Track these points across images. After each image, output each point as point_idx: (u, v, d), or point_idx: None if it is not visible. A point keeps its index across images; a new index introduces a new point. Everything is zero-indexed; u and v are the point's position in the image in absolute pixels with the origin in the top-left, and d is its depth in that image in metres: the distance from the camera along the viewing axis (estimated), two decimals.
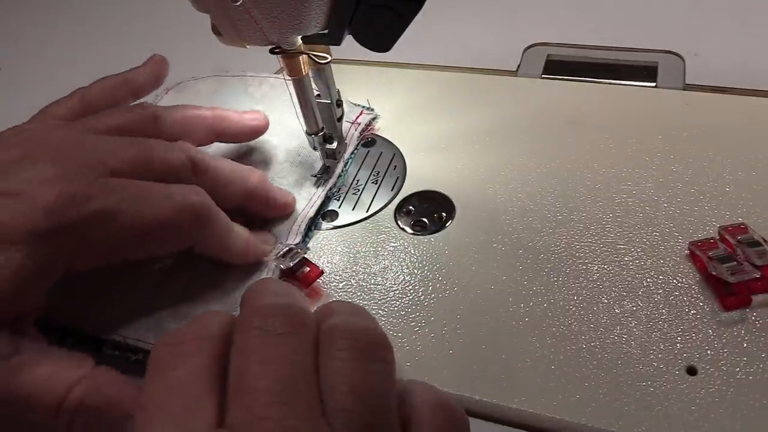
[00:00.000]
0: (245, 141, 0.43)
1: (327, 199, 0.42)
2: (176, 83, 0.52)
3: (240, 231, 0.36)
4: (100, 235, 0.29)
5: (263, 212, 0.39)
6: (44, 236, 0.27)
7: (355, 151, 0.46)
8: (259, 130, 0.42)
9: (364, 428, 0.21)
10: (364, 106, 0.48)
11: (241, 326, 0.24)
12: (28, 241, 0.27)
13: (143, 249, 0.32)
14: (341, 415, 0.21)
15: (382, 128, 0.47)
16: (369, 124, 0.47)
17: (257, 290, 0.26)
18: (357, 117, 0.47)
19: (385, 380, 0.23)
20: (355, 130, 0.46)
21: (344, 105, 0.44)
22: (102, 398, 0.27)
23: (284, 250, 0.37)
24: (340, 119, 0.43)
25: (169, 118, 0.37)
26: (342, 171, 0.44)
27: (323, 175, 0.42)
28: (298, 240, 0.39)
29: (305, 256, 0.37)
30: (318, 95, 0.41)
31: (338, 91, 0.42)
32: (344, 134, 0.45)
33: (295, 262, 0.36)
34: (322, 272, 0.37)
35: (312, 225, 0.40)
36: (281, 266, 0.36)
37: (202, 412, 0.21)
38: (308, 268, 0.36)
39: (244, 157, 0.44)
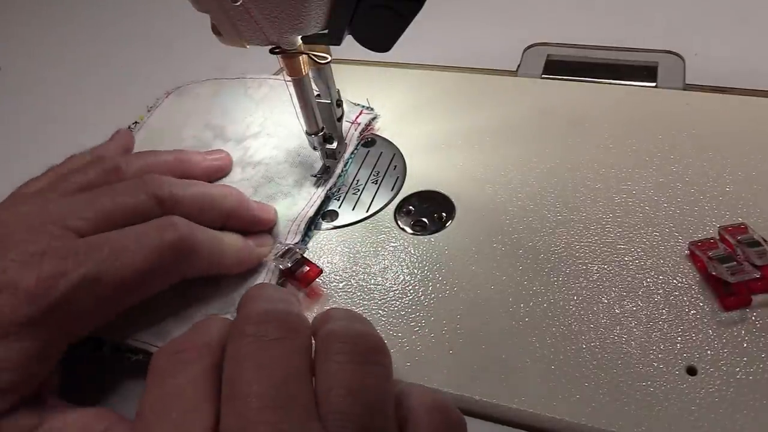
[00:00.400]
0: (210, 181, 0.42)
1: (327, 199, 0.42)
2: (175, 87, 0.52)
3: (231, 242, 0.35)
4: (89, 301, 0.29)
5: (246, 229, 0.37)
6: (35, 321, 0.27)
7: (355, 151, 0.46)
8: (223, 170, 0.42)
9: (361, 431, 0.21)
10: (363, 106, 0.48)
11: (234, 333, 0.24)
12: (23, 330, 0.27)
13: (135, 297, 0.31)
14: (337, 418, 0.21)
15: (382, 128, 0.47)
16: (369, 123, 0.47)
17: (251, 296, 0.26)
18: (357, 117, 0.47)
19: (381, 383, 0.23)
20: (355, 129, 0.46)
21: (344, 105, 0.44)
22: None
23: (283, 249, 0.37)
24: (340, 119, 0.43)
25: (130, 168, 0.36)
26: (342, 171, 0.43)
27: (323, 175, 0.42)
28: (297, 239, 0.39)
29: (304, 255, 0.37)
30: (318, 95, 0.41)
31: (338, 91, 0.42)
32: (344, 134, 0.45)
33: (293, 261, 0.36)
34: (321, 271, 0.37)
35: (312, 225, 0.40)
36: (280, 266, 0.36)
37: (199, 418, 0.21)
38: (307, 268, 0.36)
39: (244, 159, 0.44)
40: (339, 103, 0.42)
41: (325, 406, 0.22)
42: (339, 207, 0.42)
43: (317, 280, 0.36)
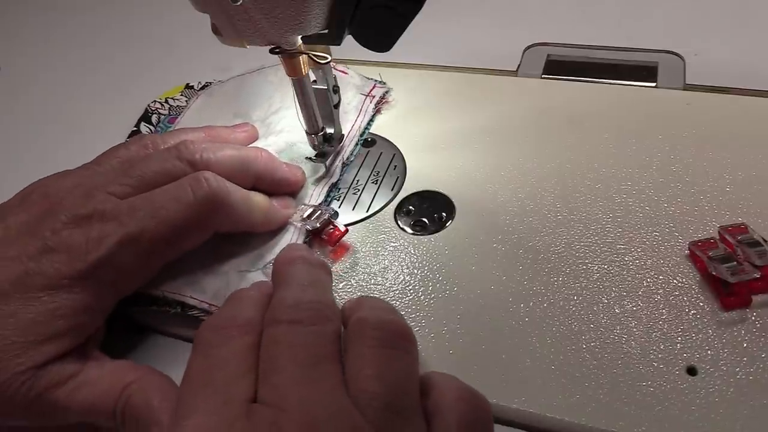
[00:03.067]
0: None
1: (333, 188, 0.42)
2: (201, 86, 0.54)
3: (260, 201, 0.37)
4: (132, 257, 0.32)
5: (274, 191, 0.40)
6: (85, 276, 0.30)
7: (371, 123, 0.47)
8: (250, 141, 0.44)
9: (386, 408, 0.23)
10: (376, 80, 0.49)
11: (270, 320, 0.26)
12: (75, 284, 0.30)
13: (173, 251, 0.34)
14: (364, 396, 0.23)
15: (382, 128, 0.47)
16: (383, 96, 0.49)
17: (285, 279, 0.29)
18: (371, 90, 0.48)
19: (408, 367, 0.25)
20: (371, 101, 0.48)
21: (357, 78, 0.47)
22: (143, 398, 0.29)
23: (309, 210, 0.39)
24: (336, 106, 0.43)
25: (166, 142, 0.38)
26: (358, 141, 0.45)
27: (320, 158, 0.43)
28: (321, 200, 0.41)
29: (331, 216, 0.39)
30: (314, 81, 0.41)
31: (335, 78, 0.42)
32: (360, 106, 0.47)
33: (321, 221, 0.38)
34: (346, 230, 0.38)
35: (333, 188, 0.42)
36: (308, 227, 0.38)
37: (239, 387, 0.24)
38: (333, 227, 0.38)
39: (267, 131, 0.46)
40: (336, 90, 0.42)
41: (353, 385, 0.24)
42: (339, 207, 0.42)
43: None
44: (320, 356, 0.24)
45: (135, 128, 0.50)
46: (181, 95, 0.52)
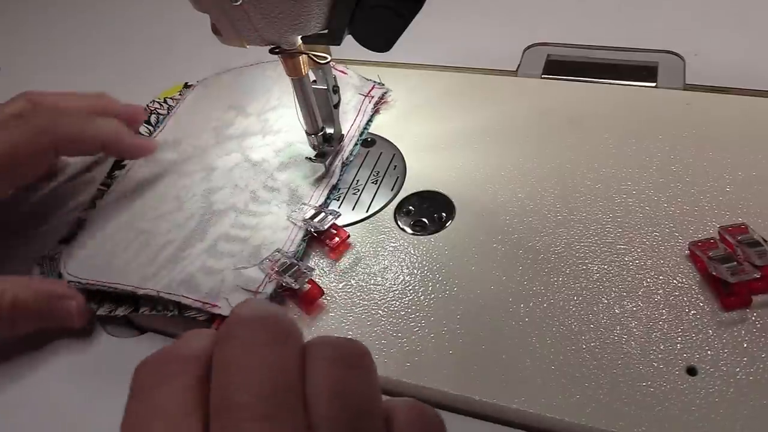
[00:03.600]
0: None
1: (333, 189, 0.42)
2: (201, 79, 0.54)
3: (105, 122, 0.39)
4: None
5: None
6: None
7: (369, 123, 0.47)
8: (135, 122, 0.46)
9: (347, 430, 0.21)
10: (375, 81, 0.49)
11: (221, 337, 0.23)
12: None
13: (12, 178, 0.38)
14: (326, 424, 0.21)
15: (382, 128, 0.47)
16: (382, 97, 0.49)
17: (242, 305, 0.25)
18: (369, 91, 0.49)
19: (367, 386, 0.23)
20: (369, 102, 0.48)
21: (356, 79, 0.47)
22: (31, 292, 0.33)
23: (311, 212, 0.39)
24: (336, 105, 0.43)
25: (45, 101, 0.41)
26: (357, 141, 0.45)
27: (319, 158, 0.43)
28: (321, 201, 0.41)
29: (336, 222, 0.39)
30: (314, 81, 0.41)
31: (335, 77, 0.42)
32: (358, 106, 0.47)
33: (327, 225, 0.38)
34: (348, 236, 0.39)
35: (333, 190, 0.42)
36: (310, 229, 0.38)
37: (189, 428, 0.21)
38: (336, 230, 0.39)
39: (264, 129, 0.46)
40: (336, 90, 0.42)
41: (314, 411, 0.21)
42: (339, 207, 0.42)
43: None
44: (279, 383, 0.21)
45: None
46: (180, 95, 0.52)
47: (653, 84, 0.49)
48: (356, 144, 0.45)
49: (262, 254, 0.37)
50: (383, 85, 0.50)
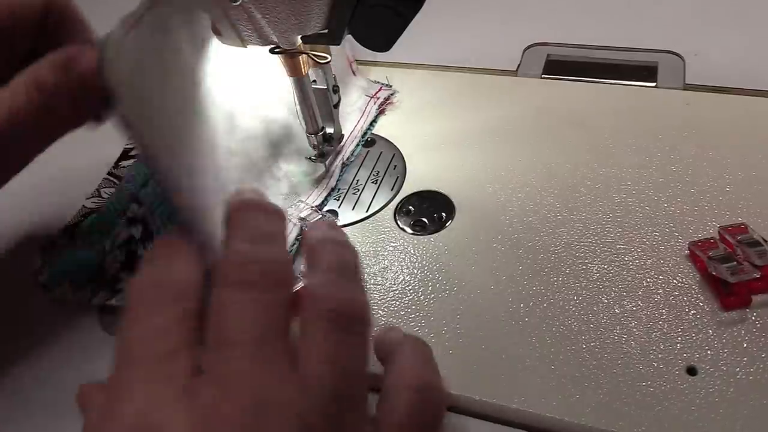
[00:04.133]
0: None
1: (332, 191, 0.42)
2: None
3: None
4: None
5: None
6: None
7: (373, 125, 0.47)
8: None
9: (334, 396, 0.22)
10: (383, 83, 0.50)
11: (220, 276, 0.24)
12: None
13: None
14: (313, 382, 0.22)
15: (382, 128, 0.47)
16: (387, 98, 0.49)
17: (239, 225, 0.26)
18: (376, 92, 0.49)
19: (359, 352, 0.24)
20: (375, 103, 0.48)
21: (363, 81, 0.47)
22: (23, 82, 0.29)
23: (308, 211, 0.39)
24: (336, 105, 0.43)
25: None
26: (359, 142, 0.45)
27: (319, 158, 0.43)
28: (318, 202, 0.41)
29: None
30: (314, 81, 0.41)
31: (335, 77, 0.42)
32: (363, 107, 0.48)
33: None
34: None
35: (332, 192, 0.42)
36: (304, 227, 0.38)
37: (180, 362, 0.22)
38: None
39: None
40: (335, 90, 0.42)
41: (303, 368, 0.23)
42: (339, 207, 0.42)
43: None
44: (272, 332, 0.23)
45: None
46: None
47: (653, 84, 0.49)
48: (358, 145, 0.45)
49: None
50: (391, 86, 0.50)
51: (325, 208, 0.41)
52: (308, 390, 0.22)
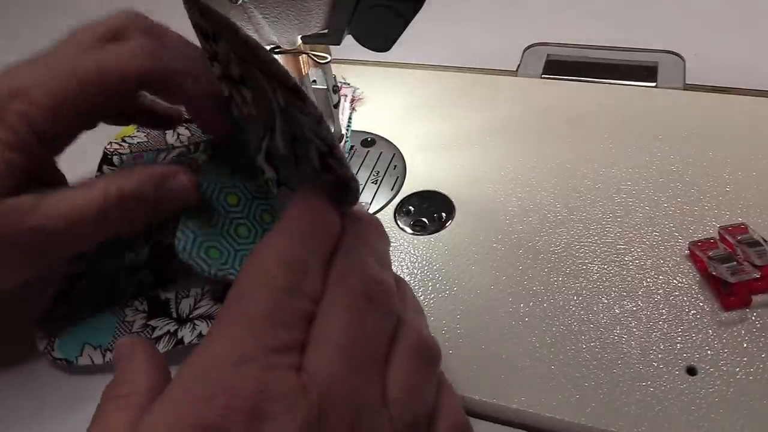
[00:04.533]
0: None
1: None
2: None
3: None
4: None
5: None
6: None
7: (350, 122, 0.47)
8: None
9: (411, 425, 0.23)
10: (342, 82, 0.50)
11: (339, 288, 0.23)
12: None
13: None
14: (399, 408, 0.22)
15: (382, 128, 0.47)
16: (354, 96, 0.50)
17: (364, 238, 0.25)
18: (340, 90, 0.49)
19: (433, 387, 0.24)
20: (345, 100, 0.48)
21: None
22: (134, 179, 0.29)
23: None
24: (336, 105, 0.43)
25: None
26: (346, 139, 0.45)
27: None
28: None
29: None
30: (314, 81, 0.41)
31: (334, 77, 0.42)
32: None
33: None
34: None
35: None
36: None
37: (290, 334, 0.21)
38: None
39: None
40: (335, 90, 0.42)
41: (391, 391, 0.23)
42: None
43: None
44: (379, 352, 0.23)
45: (98, 172, 0.42)
46: (138, 131, 0.45)
47: (653, 84, 0.49)
48: (346, 142, 0.45)
49: None
50: (349, 84, 0.50)
51: None
52: (392, 413, 0.22)
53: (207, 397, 0.19)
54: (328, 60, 0.37)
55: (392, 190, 0.42)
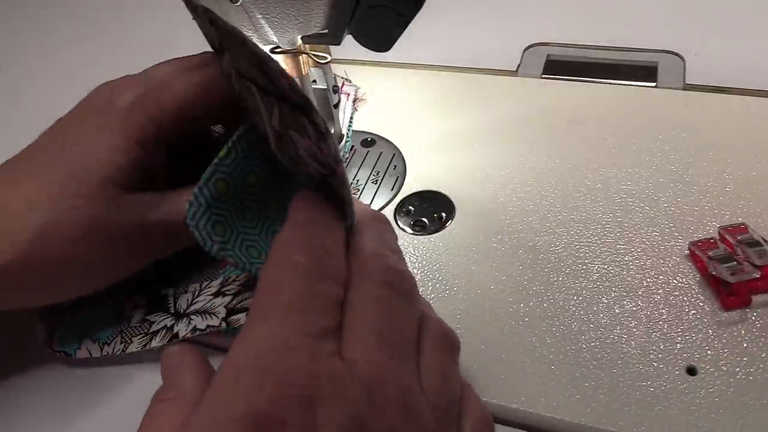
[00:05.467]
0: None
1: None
2: None
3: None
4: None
5: None
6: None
7: (352, 121, 0.47)
8: None
9: (445, 411, 0.23)
10: (344, 78, 0.50)
11: (368, 276, 0.24)
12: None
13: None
14: (432, 394, 0.23)
15: (382, 128, 0.47)
16: (356, 94, 0.49)
17: (378, 232, 0.26)
18: (341, 86, 0.48)
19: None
20: (347, 99, 0.47)
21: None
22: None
23: None
24: (336, 106, 0.43)
25: None
26: (347, 139, 0.45)
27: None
28: None
29: None
30: (314, 81, 0.41)
31: (335, 77, 0.42)
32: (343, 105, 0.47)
33: None
34: None
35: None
36: None
37: (327, 319, 0.22)
38: None
39: None
40: (335, 90, 0.42)
41: (425, 379, 0.23)
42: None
43: None
44: (411, 338, 0.24)
45: None
46: None
47: (653, 84, 0.49)
48: (346, 142, 0.45)
49: None
50: (351, 81, 0.50)
51: None
52: (427, 399, 0.23)
53: (256, 387, 0.20)
54: (328, 60, 0.37)
55: (392, 190, 0.42)
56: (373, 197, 0.42)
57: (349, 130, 0.46)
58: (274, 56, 0.36)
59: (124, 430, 0.24)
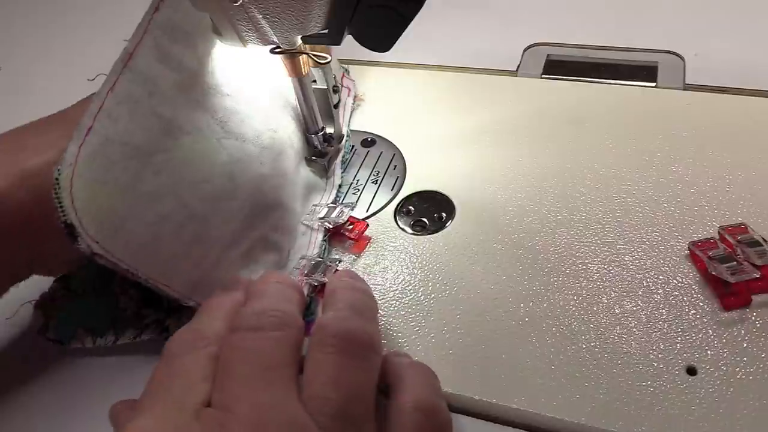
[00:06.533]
0: None
1: (340, 189, 0.43)
2: None
3: None
4: None
5: None
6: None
7: (351, 116, 0.47)
8: None
9: (337, 416, 0.23)
10: (343, 68, 0.50)
11: (234, 326, 0.27)
12: None
13: None
14: (317, 402, 0.24)
15: (382, 128, 0.47)
16: (356, 93, 0.50)
17: (257, 292, 0.29)
18: (342, 76, 0.48)
19: (364, 374, 0.25)
20: (347, 95, 0.48)
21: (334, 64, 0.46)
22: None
23: (325, 210, 0.39)
24: (336, 105, 0.43)
25: None
26: (347, 138, 0.45)
27: (320, 158, 0.43)
28: (331, 199, 0.41)
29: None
30: (314, 81, 0.41)
31: (334, 77, 0.42)
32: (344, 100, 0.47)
33: (344, 218, 0.39)
34: (367, 224, 0.39)
35: (339, 189, 0.43)
36: (328, 225, 0.39)
37: (194, 394, 0.24)
38: (353, 223, 0.39)
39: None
40: (336, 90, 0.42)
41: (307, 390, 0.24)
42: (357, 200, 0.42)
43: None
44: (275, 361, 0.25)
45: None
46: None
47: (653, 84, 0.49)
48: (346, 140, 0.45)
49: (289, 265, 0.37)
50: (348, 71, 0.50)
51: (340, 203, 0.41)
52: (312, 409, 0.23)
53: None
54: (328, 60, 0.37)
55: (392, 190, 0.42)
56: (373, 197, 0.42)
57: (347, 128, 0.46)
58: (274, 56, 0.36)
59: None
